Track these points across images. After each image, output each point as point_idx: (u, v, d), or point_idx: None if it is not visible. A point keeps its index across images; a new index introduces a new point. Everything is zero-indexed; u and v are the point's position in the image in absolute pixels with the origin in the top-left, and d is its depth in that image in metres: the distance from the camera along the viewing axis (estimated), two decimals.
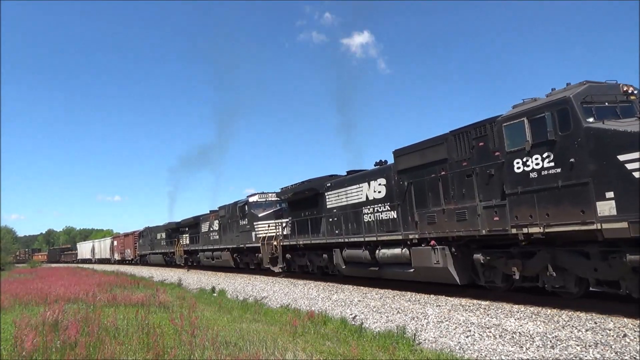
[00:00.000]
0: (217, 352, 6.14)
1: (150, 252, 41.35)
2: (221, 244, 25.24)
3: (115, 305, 12.26)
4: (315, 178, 17.44)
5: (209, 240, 27.49)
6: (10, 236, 71.26)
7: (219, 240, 25.76)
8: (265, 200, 22.09)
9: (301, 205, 17.88)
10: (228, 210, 24.49)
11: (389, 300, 11.40)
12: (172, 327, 7.82)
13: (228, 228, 24.36)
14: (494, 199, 9.32)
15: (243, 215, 22.34)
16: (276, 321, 9.89)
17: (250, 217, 21.58)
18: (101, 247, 60.76)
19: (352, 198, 14.63)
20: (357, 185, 14.37)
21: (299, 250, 18.06)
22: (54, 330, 7.37)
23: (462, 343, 7.37)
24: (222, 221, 25.22)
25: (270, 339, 7.33)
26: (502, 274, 9.73)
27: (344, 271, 14.98)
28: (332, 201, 15.76)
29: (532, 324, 7.71)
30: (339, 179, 16.06)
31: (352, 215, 14.48)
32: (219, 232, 25.75)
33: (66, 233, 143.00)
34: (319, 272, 17.36)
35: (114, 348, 6.21)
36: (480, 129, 9.81)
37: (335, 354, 6.60)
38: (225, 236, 24.66)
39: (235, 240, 23.27)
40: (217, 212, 26.26)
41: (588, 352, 6.14)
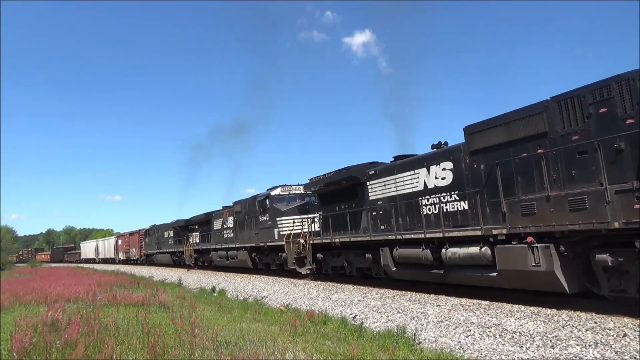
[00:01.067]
0: (217, 351, 6.15)
1: (157, 251, 39.24)
2: (237, 243, 23.17)
3: (116, 304, 12.26)
4: (354, 165, 14.75)
5: (222, 239, 25.50)
6: (10, 236, 71.21)
7: (233, 238, 23.70)
8: (288, 194, 19.95)
9: (336, 197, 15.59)
10: (245, 206, 22.43)
11: (389, 300, 11.40)
12: (172, 327, 7.83)
13: (245, 225, 22.22)
14: (629, 180, 7.12)
15: (263, 210, 20.13)
16: (276, 321, 9.89)
17: (272, 212, 19.42)
18: (105, 246, 59.15)
19: (405, 187, 12.35)
20: (412, 171, 12.09)
21: (333, 249, 15.81)
22: (54, 330, 7.38)
23: (462, 343, 7.36)
24: (238, 217, 23.14)
25: (270, 339, 7.33)
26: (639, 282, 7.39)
27: (394, 274, 12.68)
28: (377, 192, 13.50)
29: (532, 323, 7.71)
30: (385, 165, 13.65)
31: (405, 207, 12.32)
32: (234, 230, 23.72)
33: (66, 233, 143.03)
34: (358, 275, 15.02)
35: (114, 348, 6.21)
36: (601, 90, 7.69)
37: (335, 354, 6.60)
38: (242, 234, 22.55)
39: (253, 238, 21.24)
40: (232, 208, 24.29)
41: (588, 352, 6.14)
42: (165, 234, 37.39)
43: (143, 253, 43.45)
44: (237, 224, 23.32)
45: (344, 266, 15.41)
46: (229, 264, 24.58)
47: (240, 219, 22.86)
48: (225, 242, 25.02)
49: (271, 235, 19.35)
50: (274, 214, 19.37)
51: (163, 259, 37.40)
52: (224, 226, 25.38)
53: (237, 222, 23.39)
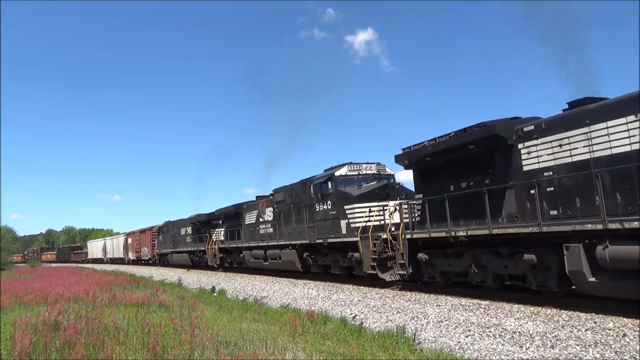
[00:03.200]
0: (217, 351, 6.14)
1: (172, 250, 34.49)
2: (280, 239, 18.83)
3: (115, 304, 12.27)
4: (492, 121, 10.22)
5: (256, 235, 21.16)
6: (10, 236, 71.20)
7: (274, 234, 19.52)
8: (357, 174, 15.27)
9: (452, 171, 11.17)
10: (291, 193, 18.22)
11: (389, 300, 11.39)
12: (172, 327, 7.83)
13: (292, 217, 17.88)
14: None
15: (322, 196, 15.62)
16: (276, 321, 9.89)
17: (338, 198, 14.77)
18: (113, 245, 54.97)
19: (610, 145, 7.88)
20: (624, 118, 7.66)
21: (447, 246, 10.99)
22: (54, 330, 7.38)
23: (462, 343, 7.37)
24: (280, 208, 19.00)
25: (270, 339, 7.33)
26: None
27: (595, 288, 7.85)
28: (540, 157, 9.17)
29: (532, 323, 7.71)
30: (558, 116, 9.10)
31: (614, 177, 7.74)
32: (275, 224, 19.49)
33: (66, 233, 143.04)
34: (495, 284, 10.25)
35: (114, 348, 6.21)
36: None
37: (335, 354, 6.60)
38: (288, 228, 18.25)
39: (305, 233, 16.75)
40: (271, 198, 20.35)
41: (588, 352, 6.14)
42: (182, 230, 33.10)
43: (156, 252, 39.39)
44: (280, 216, 19.02)
45: (471, 271, 10.45)
46: (267, 266, 20.15)
47: (285, 209, 18.57)
48: (261, 238, 20.75)
49: (335, 229, 14.81)
50: (340, 200, 14.62)
51: (180, 259, 33.16)
52: (260, 220, 21.08)
53: (278, 213, 19.19)
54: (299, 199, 17.49)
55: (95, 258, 62.69)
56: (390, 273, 12.93)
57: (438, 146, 11.32)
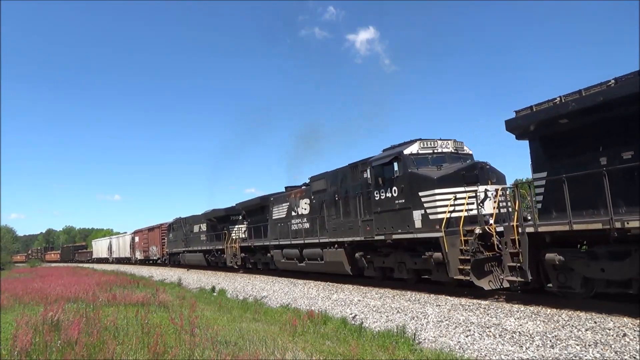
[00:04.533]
0: (217, 351, 6.15)
1: (184, 249, 31.66)
2: (321, 236, 15.74)
3: (115, 304, 12.27)
4: None
5: (288, 231, 18.22)
6: (10, 236, 71.16)
7: (311, 230, 16.60)
8: (432, 153, 12.09)
9: (610, 135, 7.95)
10: (335, 181, 15.24)
11: (389, 299, 11.40)
12: (172, 327, 7.83)
13: (339, 209, 14.79)
14: None
15: (385, 182, 12.40)
16: (276, 321, 9.90)
17: (411, 182, 11.56)
18: (120, 244, 52.41)
19: None
20: None
21: (606, 243, 7.79)
22: (54, 330, 7.38)
23: (461, 342, 7.37)
24: (321, 199, 15.93)
25: (270, 339, 7.34)
26: None
27: None
28: None
29: (532, 323, 7.71)
30: None
31: None
32: (313, 218, 16.51)
33: (66, 232, 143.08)
34: None
35: (114, 348, 6.21)
36: None
37: (335, 354, 6.60)
38: (332, 222, 15.11)
39: (358, 228, 13.59)
40: (306, 187, 17.56)
41: (588, 352, 6.15)
42: (195, 227, 30.24)
43: (166, 252, 36.75)
44: (320, 208, 16.01)
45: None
46: (303, 268, 17.26)
47: (327, 200, 15.58)
48: (294, 235, 17.78)
49: (404, 222, 11.69)
50: (413, 185, 11.52)
51: (193, 258, 30.26)
52: (292, 213, 18.13)
53: (318, 205, 16.17)
54: (347, 187, 14.48)
55: (100, 258, 60.63)
56: (489, 279, 9.73)
57: (586, 101, 8.07)
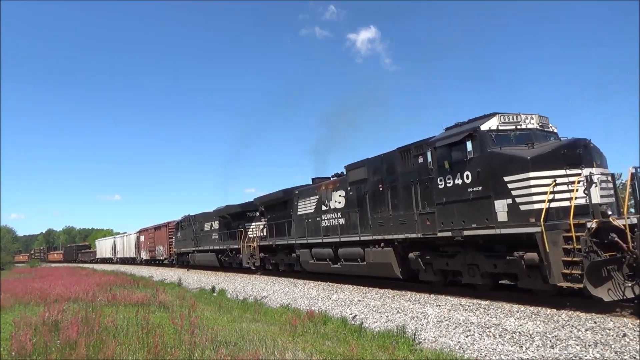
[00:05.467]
0: (217, 351, 6.15)
1: (194, 249, 29.64)
2: (362, 234, 13.65)
3: (115, 304, 12.27)
4: None
5: (317, 228, 16.27)
6: (10, 236, 71.15)
7: (347, 226, 14.66)
8: (514, 129, 9.98)
9: None
10: (379, 169, 13.14)
11: (389, 300, 11.40)
12: (172, 327, 7.83)
13: (383, 201, 12.79)
14: None
15: (452, 165, 10.32)
16: (276, 321, 9.90)
17: (492, 164, 9.46)
18: (124, 243, 50.65)
19: None
20: None
21: None
22: (54, 330, 7.38)
23: (461, 343, 7.37)
24: (362, 190, 13.93)
25: (270, 339, 7.34)
26: None
27: None
28: None
29: (531, 323, 7.71)
30: None
31: None
32: (349, 212, 14.53)
33: (66, 233, 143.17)
34: None
35: (114, 348, 6.21)
36: None
37: (335, 354, 6.60)
38: (377, 217, 12.94)
39: (415, 223, 11.38)
40: (341, 178, 15.56)
41: (588, 352, 6.15)
42: (206, 225, 28.33)
43: (173, 251, 34.68)
44: (361, 201, 13.94)
45: None
46: (338, 270, 15.11)
47: (370, 191, 13.48)
48: (326, 232, 15.75)
49: (482, 214, 9.58)
50: (495, 167, 9.40)
51: (204, 259, 28.21)
52: (323, 208, 16.14)
53: (357, 198, 14.21)
54: (395, 175, 12.41)
55: (104, 258, 58.98)
56: (608, 287, 7.72)
57: None
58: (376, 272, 13.27)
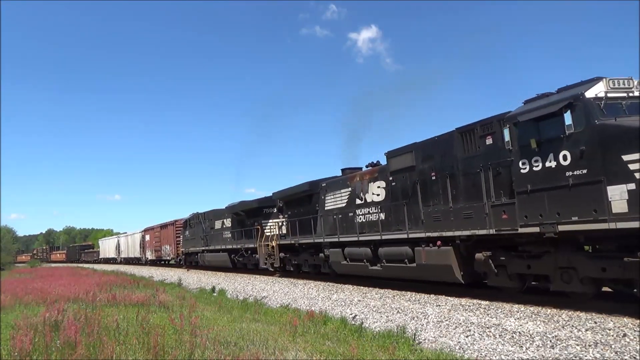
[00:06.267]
0: (217, 352, 6.15)
1: (203, 248, 27.96)
2: (411, 230, 11.72)
3: (115, 305, 12.27)
4: None
5: (350, 225, 14.47)
6: (10, 236, 71.00)
7: (388, 222, 12.78)
8: (626, 97, 8.07)
9: None
10: (431, 152, 11.30)
11: (389, 300, 11.40)
12: (172, 327, 7.83)
13: (438, 192, 10.95)
14: None
15: (540, 144, 8.41)
16: (276, 321, 9.90)
17: (602, 140, 7.53)
18: (128, 243, 49.31)
19: None
20: None
21: None
22: (54, 330, 7.38)
23: (462, 343, 7.37)
24: (409, 178, 12.01)
25: (270, 339, 7.34)
26: None
27: None
28: None
29: (532, 323, 7.71)
30: None
31: None
32: (391, 206, 12.70)
33: (66, 233, 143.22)
34: None
35: (114, 348, 6.21)
36: None
37: (335, 354, 6.60)
38: (428, 211, 11.09)
39: (486, 217, 9.48)
40: (379, 167, 13.84)
41: (588, 352, 6.15)
42: (217, 223, 26.76)
43: (181, 251, 33.11)
44: (406, 192, 12.12)
45: None
46: (379, 273, 13.22)
47: (420, 179, 11.60)
48: (362, 229, 13.89)
49: (588, 204, 7.63)
50: (609, 144, 7.47)
51: (215, 259, 26.49)
52: (358, 201, 14.29)
53: (400, 189, 12.36)
54: (453, 160, 10.52)
55: (107, 258, 57.70)
56: None
57: None
58: (430, 275, 11.36)
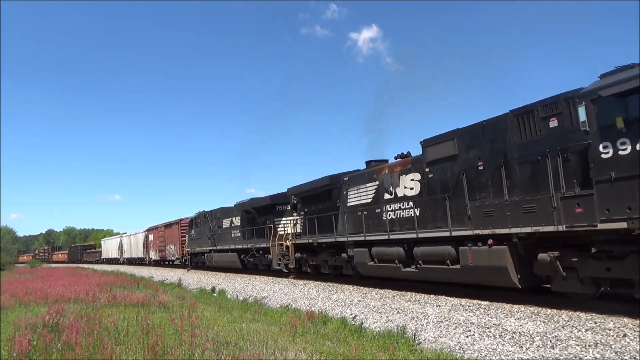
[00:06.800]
0: (217, 352, 6.15)
1: (211, 248, 26.61)
2: (455, 227, 10.26)
3: (116, 305, 12.27)
4: None
5: (375, 222, 13.17)
6: (10, 236, 70.94)
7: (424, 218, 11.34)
8: None
9: None
10: (478, 139, 9.94)
11: (389, 300, 11.40)
12: (172, 327, 7.83)
13: (488, 183, 9.65)
14: None
15: (628, 124, 6.98)
16: (276, 321, 9.90)
17: None
18: (131, 243, 47.99)
19: None
20: None
21: None
22: (54, 331, 7.38)
23: (462, 343, 7.37)
24: (449, 169, 10.67)
25: (270, 339, 7.34)
26: None
27: None
28: None
29: (532, 323, 7.71)
30: None
31: None
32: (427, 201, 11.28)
33: (66, 233, 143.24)
34: None
35: (114, 348, 6.22)
36: None
37: (335, 354, 6.60)
38: (476, 205, 9.75)
39: (553, 211, 8.08)
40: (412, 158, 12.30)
41: (588, 352, 6.15)
42: (225, 222, 25.46)
43: (187, 251, 31.74)
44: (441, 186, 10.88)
45: None
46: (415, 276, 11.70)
47: (465, 169, 10.15)
48: (391, 227, 12.46)
49: None
50: None
51: (223, 259, 25.14)
52: (387, 196, 12.82)
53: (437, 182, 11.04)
54: (507, 148, 9.18)
55: (110, 258, 56.55)
56: None
57: None
58: (477, 278, 10.02)
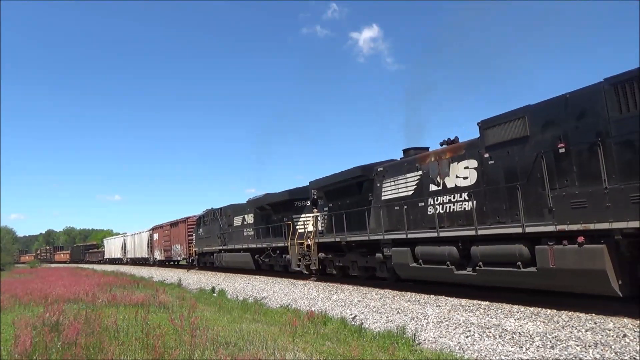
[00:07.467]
0: (217, 352, 6.15)
1: (221, 248, 24.88)
2: (529, 222, 8.46)
3: (116, 305, 12.27)
4: None
5: (417, 218, 11.57)
6: (10, 236, 70.98)
7: (482, 212, 9.69)
8: None
9: None
10: (558, 116, 8.17)
11: (389, 300, 11.40)
12: (172, 327, 7.83)
13: (572, 170, 7.85)
14: None
15: None
16: (276, 321, 9.90)
17: None
18: (135, 243, 46.41)
19: None
20: None
21: None
22: (54, 331, 7.38)
23: (462, 343, 7.37)
24: (520, 153, 8.87)
25: (270, 339, 7.33)
26: None
27: None
28: None
29: (532, 324, 7.71)
30: None
31: None
32: (487, 192, 9.67)
33: (66, 233, 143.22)
34: None
35: (114, 348, 6.21)
36: None
37: (335, 354, 6.60)
38: (563, 193, 7.92)
39: None
40: (465, 143, 10.63)
41: (588, 352, 6.15)
42: (236, 220, 23.63)
43: (194, 251, 30.09)
44: (507, 174, 9.21)
45: None
46: (474, 280, 9.91)
47: (541, 153, 8.36)
48: (440, 222, 10.72)
49: None
50: None
51: (234, 260, 23.37)
52: (432, 187, 11.22)
53: (501, 170, 9.40)
54: (601, 125, 7.43)
55: (113, 258, 55.27)
56: None
57: None
58: (563, 284, 8.08)
